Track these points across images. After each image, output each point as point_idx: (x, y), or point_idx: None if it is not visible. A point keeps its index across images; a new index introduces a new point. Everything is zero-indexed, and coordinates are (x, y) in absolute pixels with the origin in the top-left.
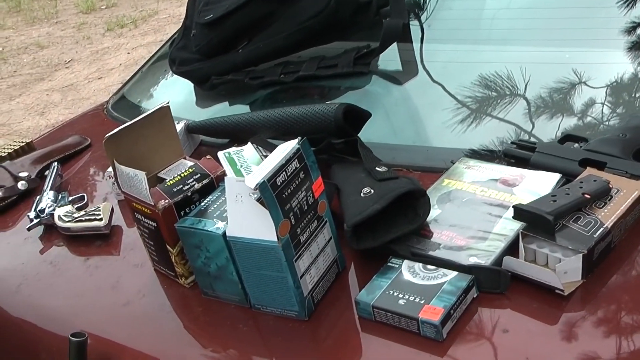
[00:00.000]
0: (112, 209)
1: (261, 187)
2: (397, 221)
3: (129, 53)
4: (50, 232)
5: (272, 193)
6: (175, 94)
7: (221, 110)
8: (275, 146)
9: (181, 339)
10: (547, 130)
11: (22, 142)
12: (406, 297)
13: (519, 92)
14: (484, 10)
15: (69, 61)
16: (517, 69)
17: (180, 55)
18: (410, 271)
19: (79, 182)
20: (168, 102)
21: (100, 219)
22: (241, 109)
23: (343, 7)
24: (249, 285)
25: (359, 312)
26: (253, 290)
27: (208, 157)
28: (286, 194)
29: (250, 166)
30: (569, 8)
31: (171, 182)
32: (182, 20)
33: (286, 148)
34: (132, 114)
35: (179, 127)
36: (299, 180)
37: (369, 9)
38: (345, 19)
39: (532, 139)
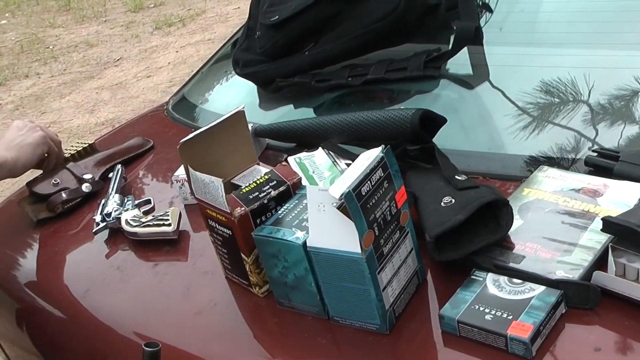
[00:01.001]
0: (180, 214)
1: (346, 197)
2: (478, 232)
3: (177, 52)
4: (116, 236)
5: (357, 203)
6: (236, 95)
7: (285, 113)
8: (347, 152)
9: (256, 351)
10: (630, 138)
11: (85, 143)
12: (493, 312)
13: (597, 97)
14: (556, 12)
15: (118, 59)
16: (595, 73)
17: (244, 57)
18: (495, 285)
19: (143, 185)
20: (243, 107)
21: (169, 224)
22: (306, 112)
23: (412, 8)
24: (329, 297)
25: (443, 326)
26: (332, 302)
27: (284, 163)
28: (370, 204)
29: (322, 172)
30: None
31: (247, 189)
32: (229, 19)
33: (369, 156)
34: (192, 115)
35: None
36: (383, 189)
37: (437, 10)
38: (414, 21)
39: (615, 147)
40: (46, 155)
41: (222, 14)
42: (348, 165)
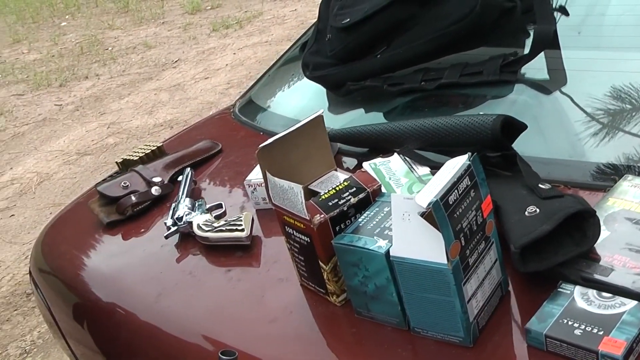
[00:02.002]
0: (253, 219)
1: (434, 206)
2: (563, 243)
3: (234, 53)
4: (187, 240)
5: (444, 212)
6: (304, 98)
7: (356, 117)
8: (423, 158)
9: None
10: None
11: (154, 145)
12: (582, 326)
13: None
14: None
15: (175, 61)
16: None
17: (314, 60)
18: (584, 298)
19: (213, 189)
20: (321, 111)
21: (242, 230)
22: (377, 117)
23: (488, 12)
24: (410, 308)
25: (529, 340)
26: (414, 313)
27: (363, 169)
28: (457, 213)
29: (399, 179)
30: None
31: (326, 195)
32: (286, 21)
33: (456, 164)
34: (259, 118)
35: None
36: (470, 198)
37: (513, 13)
38: (489, 24)
39: None
40: None
41: (279, 16)
42: (432, 172)
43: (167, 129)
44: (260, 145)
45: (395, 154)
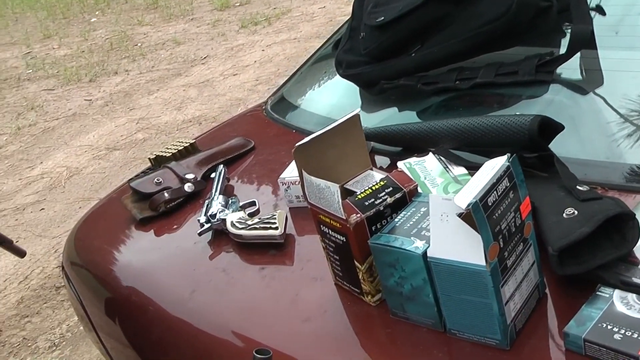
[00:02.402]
0: (287, 217)
1: (473, 207)
2: (601, 245)
3: (263, 50)
4: (220, 237)
5: (483, 214)
6: (336, 96)
7: (389, 116)
8: (459, 158)
9: None
10: None
11: (186, 142)
12: (622, 331)
13: None
14: None
15: (204, 57)
16: None
17: (347, 58)
18: (623, 302)
19: (246, 187)
20: (358, 110)
21: (276, 228)
22: (410, 116)
23: (524, 11)
24: (447, 309)
25: (568, 344)
26: (451, 315)
27: (399, 169)
28: (496, 214)
29: (434, 178)
30: None
31: (362, 195)
32: (315, 18)
33: (495, 165)
34: (291, 116)
35: None
36: (509, 200)
37: (549, 13)
38: (525, 23)
39: None
40: None
41: (308, 13)
42: (469, 172)
43: (196, 124)
44: (296, 144)
45: (430, 153)
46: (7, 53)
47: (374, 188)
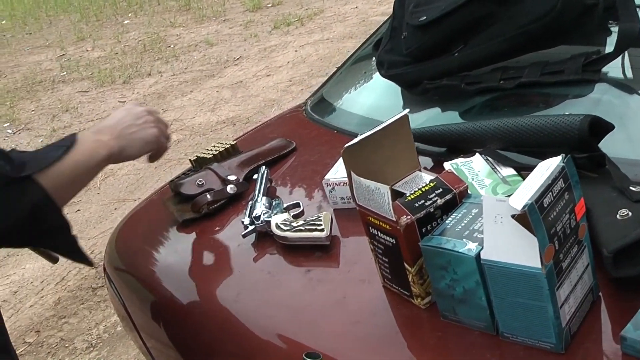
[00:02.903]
0: (332, 219)
1: (529, 208)
2: None
3: (296, 51)
4: (264, 239)
5: (539, 215)
6: (376, 96)
7: (432, 116)
8: (506, 158)
9: None
10: None
11: (227, 143)
12: None
13: None
14: None
15: (237, 58)
16: None
17: (389, 58)
18: None
19: (289, 188)
20: (407, 111)
21: (322, 230)
22: (454, 116)
23: (569, 9)
24: (500, 312)
25: (624, 348)
26: (504, 318)
27: (449, 170)
28: (552, 216)
29: (482, 179)
30: None
31: (412, 196)
32: (347, 18)
33: (549, 166)
34: (332, 116)
35: None
36: (564, 201)
37: (594, 11)
38: (570, 22)
39: None
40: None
41: (340, 13)
42: (518, 173)
43: (230, 125)
44: (345, 145)
45: (477, 154)
46: (41, 55)
47: (423, 189)
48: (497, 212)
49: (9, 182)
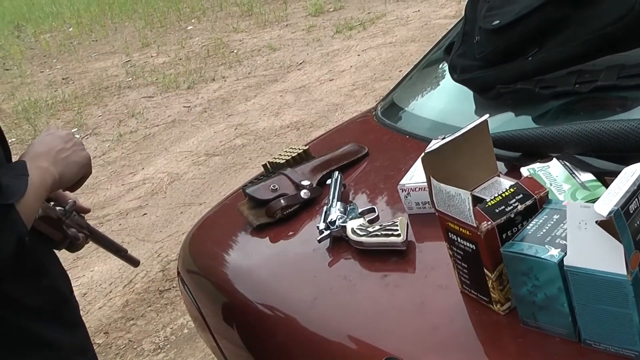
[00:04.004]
0: (408, 224)
1: (615, 215)
2: None
3: (359, 55)
4: (338, 244)
5: (625, 222)
6: (448, 101)
7: (506, 120)
8: (584, 163)
9: None
10: None
11: (300, 149)
12: None
13: None
14: None
15: (300, 63)
16: None
17: (461, 62)
18: None
19: (362, 193)
20: (487, 116)
21: (398, 235)
22: (528, 121)
23: None
24: (582, 320)
25: None
26: (586, 325)
27: (529, 175)
28: (638, 222)
29: (560, 185)
30: None
31: (492, 202)
32: (410, 22)
33: (634, 171)
34: (403, 121)
35: None
36: None
37: None
38: None
39: None
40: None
41: (402, 17)
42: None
43: (294, 130)
44: (425, 151)
45: (554, 159)
46: (107, 62)
47: (504, 195)
48: (582, 218)
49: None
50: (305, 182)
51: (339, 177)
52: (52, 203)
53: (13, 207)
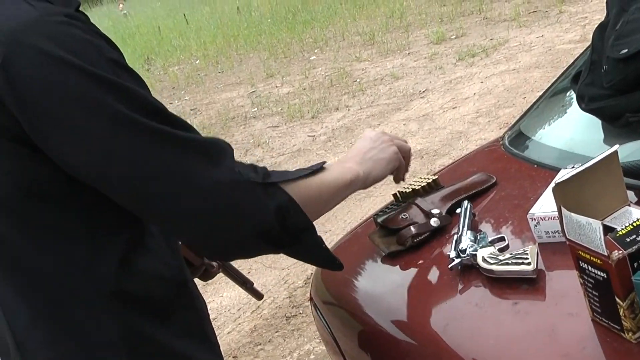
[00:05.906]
0: (537, 253)
1: None
2: None
3: (482, 82)
4: (468, 272)
5: None
6: (575, 130)
7: (635, 149)
8: None
9: None
10: None
11: (429, 178)
12: None
13: None
14: None
15: (423, 91)
16: None
17: (589, 92)
18: None
19: (491, 222)
20: (617, 147)
21: (529, 263)
22: None
23: None
24: None
25: None
26: None
27: None
28: None
29: None
30: None
31: (623, 231)
32: (533, 47)
33: None
34: (531, 150)
35: None
36: None
37: None
38: None
39: None
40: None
41: (525, 42)
42: None
43: (417, 158)
44: (555, 181)
45: None
46: (233, 92)
47: (635, 224)
48: None
49: (255, 186)
50: (435, 211)
51: (469, 206)
52: None
53: (272, 184)
